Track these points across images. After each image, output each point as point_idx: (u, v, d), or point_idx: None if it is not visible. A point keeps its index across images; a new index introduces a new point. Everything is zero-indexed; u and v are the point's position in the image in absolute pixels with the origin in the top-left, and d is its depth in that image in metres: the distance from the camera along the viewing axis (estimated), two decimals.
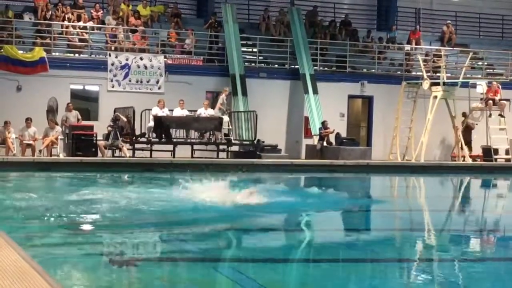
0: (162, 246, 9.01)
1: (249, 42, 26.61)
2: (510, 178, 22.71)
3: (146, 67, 23.81)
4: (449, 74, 25.75)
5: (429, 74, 25.42)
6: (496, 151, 24.28)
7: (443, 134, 25.78)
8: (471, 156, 24.35)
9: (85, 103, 24.02)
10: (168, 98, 22.51)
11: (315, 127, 23.94)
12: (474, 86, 24.65)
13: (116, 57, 23.63)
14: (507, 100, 24.61)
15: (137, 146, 21.42)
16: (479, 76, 27.39)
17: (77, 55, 24.00)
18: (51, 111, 21.31)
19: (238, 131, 23.23)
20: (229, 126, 22.66)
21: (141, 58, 23.83)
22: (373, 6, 31.22)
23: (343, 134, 24.39)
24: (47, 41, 23.57)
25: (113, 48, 24.18)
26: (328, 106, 24.71)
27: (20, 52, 22.49)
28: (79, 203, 11.46)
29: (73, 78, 23.15)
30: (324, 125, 23.35)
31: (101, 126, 21.44)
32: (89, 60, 23.73)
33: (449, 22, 29.83)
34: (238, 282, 6.92)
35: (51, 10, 24.11)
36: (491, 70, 29.05)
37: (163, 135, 21.42)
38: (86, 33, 24.20)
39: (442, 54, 25.63)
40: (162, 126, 21.33)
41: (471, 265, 8.16)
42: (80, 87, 24.04)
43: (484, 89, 24.50)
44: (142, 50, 24.45)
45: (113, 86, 23.51)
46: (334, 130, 23.37)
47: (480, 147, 24.80)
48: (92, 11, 25.03)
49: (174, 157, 20.94)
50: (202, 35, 25.94)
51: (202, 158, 21.41)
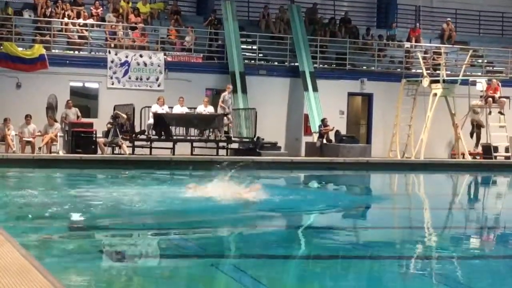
0: (162, 243, 8.99)
1: (248, 40, 26.60)
2: (510, 175, 22.69)
3: (145, 64, 23.80)
4: (449, 72, 25.72)
5: (429, 71, 25.40)
6: (496, 149, 24.28)
7: (443, 132, 25.75)
8: (471, 153, 24.35)
9: (84, 100, 24.03)
10: (167, 96, 22.50)
11: (315, 125, 23.94)
12: (474, 83, 24.67)
13: (115, 54, 23.61)
14: (507, 97, 24.60)
15: (136, 143, 21.44)
16: (479, 73, 27.35)
17: (76, 52, 24.01)
18: (51, 108, 21.27)
19: (237, 129, 23.22)
20: (229, 121, 22.63)
21: (140, 56, 23.82)
22: (373, 4, 31.25)
23: (343, 131, 24.40)
24: (47, 38, 23.55)
25: (112, 45, 24.18)
26: (327, 104, 24.70)
27: (19, 49, 22.49)
28: (78, 200, 11.45)
29: (72, 75, 23.16)
30: (323, 122, 23.35)
31: (100, 123, 21.41)
32: (88, 57, 23.74)
33: (449, 19, 29.83)
34: (237, 280, 6.92)
35: (51, 7, 24.10)
36: (491, 68, 29.05)
37: (163, 133, 21.44)
38: (86, 30, 24.20)
39: (442, 52, 25.62)
40: (161, 124, 21.34)
41: (471, 262, 8.17)
42: (79, 84, 24.04)
43: (484, 86, 24.52)
44: (142, 47, 24.44)
45: (112, 83, 23.50)
46: (333, 127, 23.39)
47: (480, 145, 24.80)
48: (91, 8, 25.02)
49: (173, 154, 20.95)
50: (202, 33, 25.92)
51: (202, 155, 21.42)
